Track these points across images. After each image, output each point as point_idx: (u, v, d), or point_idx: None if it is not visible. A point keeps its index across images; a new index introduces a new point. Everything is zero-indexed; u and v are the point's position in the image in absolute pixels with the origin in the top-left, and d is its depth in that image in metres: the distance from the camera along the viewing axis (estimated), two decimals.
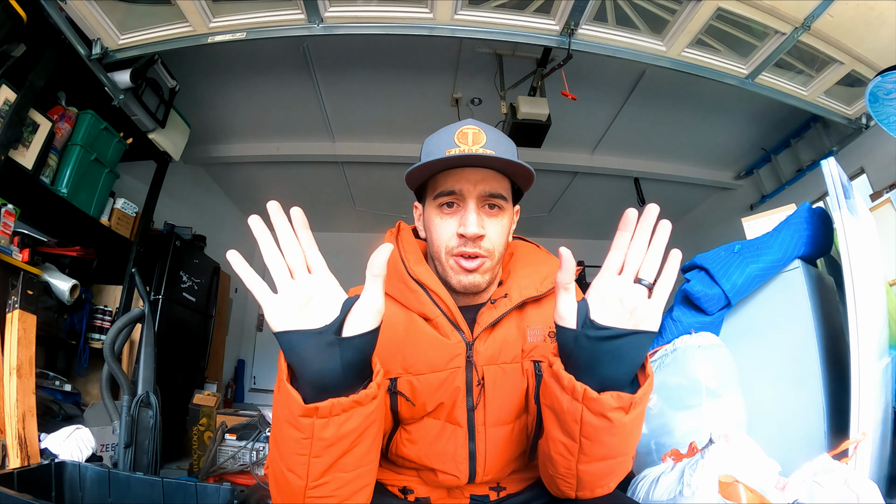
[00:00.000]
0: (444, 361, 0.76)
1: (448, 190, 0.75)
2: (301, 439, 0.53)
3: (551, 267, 0.84)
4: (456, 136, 0.75)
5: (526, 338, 0.78)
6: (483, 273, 0.76)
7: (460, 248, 0.75)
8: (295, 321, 0.54)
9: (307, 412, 0.52)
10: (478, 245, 0.74)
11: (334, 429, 0.52)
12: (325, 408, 0.52)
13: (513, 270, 0.84)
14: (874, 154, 2.51)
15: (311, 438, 0.53)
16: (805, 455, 1.10)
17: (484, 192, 0.74)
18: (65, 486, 0.99)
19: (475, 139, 0.74)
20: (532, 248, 0.90)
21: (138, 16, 1.98)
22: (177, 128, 2.67)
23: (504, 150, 0.75)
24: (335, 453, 0.54)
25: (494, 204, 0.75)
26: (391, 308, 0.81)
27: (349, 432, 0.54)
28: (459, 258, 0.75)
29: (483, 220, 0.75)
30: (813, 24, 1.86)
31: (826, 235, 1.64)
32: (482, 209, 0.75)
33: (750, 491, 0.95)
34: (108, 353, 1.50)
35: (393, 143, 3.52)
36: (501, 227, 0.77)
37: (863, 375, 1.22)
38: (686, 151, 3.58)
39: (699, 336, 1.57)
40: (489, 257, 0.76)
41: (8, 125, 1.65)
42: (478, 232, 0.73)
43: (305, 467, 0.54)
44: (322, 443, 0.53)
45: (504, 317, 0.78)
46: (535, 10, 1.98)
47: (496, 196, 0.75)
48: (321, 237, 0.59)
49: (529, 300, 0.80)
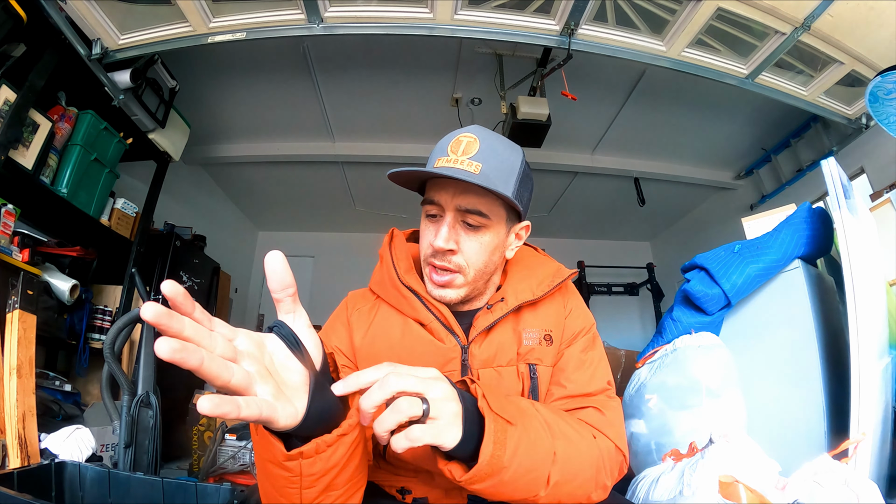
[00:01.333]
0: (440, 365, 0.76)
1: (430, 199, 0.75)
2: (290, 478, 0.51)
3: (547, 270, 0.84)
4: (450, 145, 0.74)
5: (521, 341, 0.79)
6: (455, 288, 0.75)
7: (430, 259, 0.75)
8: (281, 412, 0.45)
9: (291, 457, 0.49)
10: (447, 259, 0.74)
11: (322, 464, 0.51)
12: (310, 449, 0.49)
13: (510, 274, 0.84)
14: (874, 154, 2.51)
15: (300, 476, 0.51)
16: (805, 455, 1.10)
17: (460, 206, 0.72)
18: (65, 486, 0.99)
19: (466, 149, 0.72)
20: (529, 252, 0.90)
21: (138, 16, 1.98)
22: (177, 128, 2.67)
23: (495, 164, 0.71)
24: (326, 481, 0.53)
25: (470, 221, 0.73)
26: (387, 313, 0.82)
27: (337, 462, 0.52)
28: (432, 269, 0.75)
29: (458, 234, 0.73)
30: (813, 24, 1.86)
31: (826, 235, 1.64)
32: (459, 223, 0.73)
33: (750, 491, 0.95)
34: (108, 353, 1.50)
35: (393, 143, 3.52)
36: (480, 244, 0.74)
37: (863, 375, 1.22)
38: (686, 151, 3.58)
39: (699, 336, 1.57)
40: (461, 273, 0.74)
41: (8, 125, 1.65)
42: (443, 246, 0.72)
43: (298, 497, 0.53)
44: (311, 477, 0.52)
45: (500, 320, 0.78)
46: (535, 10, 1.98)
47: (473, 212, 0.72)
48: (321, 237, 0.59)
49: (525, 304, 0.80)
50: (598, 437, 0.70)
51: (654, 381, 1.56)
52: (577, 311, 0.85)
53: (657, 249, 5.33)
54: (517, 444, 0.55)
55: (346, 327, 0.84)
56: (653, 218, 4.65)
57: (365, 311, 0.85)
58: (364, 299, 0.87)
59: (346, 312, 0.86)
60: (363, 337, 0.82)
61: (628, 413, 1.65)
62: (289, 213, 4.79)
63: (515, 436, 0.56)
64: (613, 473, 0.70)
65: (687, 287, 1.63)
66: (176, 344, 0.35)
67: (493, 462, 0.54)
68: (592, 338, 0.84)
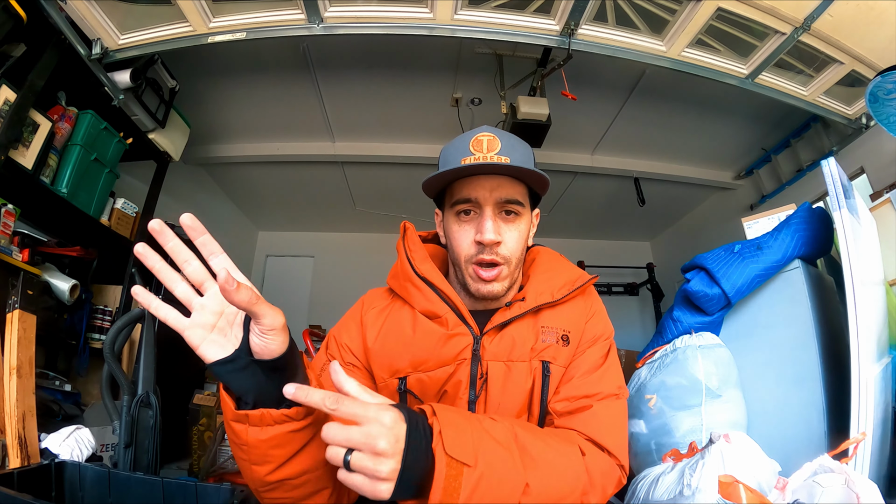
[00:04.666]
0: (453, 355, 0.77)
1: (464, 198, 0.76)
2: (239, 445, 0.54)
3: (569, 276, 0.85)
4: (471, 144, 0.76)
5: (538, 338, 0.79)
6: (501, 280, 0.78)
7: (478, 256, 0.76)
8: (208, 348, 0.53)
9: (238, 418, 0.52)
10: (494, 252, 0.76)
11: (266, 437, 0.52)
12: (255, 416, 0.52)
13: (532, 276, 0.85)
14: (874, 154, 2.51)
15: (248, 445, 0.53)
16: (805, 455, 1.10)
17: (500, 198, 0.75)
18: (65, 486, 0.98)
19: (490, 146, 0.75)
20: (554, 256, 0.92)
21: (138, 16, 1.97)
22: (177, 128, 2.66)
23: (519, 156, 0.76)
24: (274, 463, 0.54)
25: (511, 210, 0.77)
26: (399, 311, 0.83)
27: (283, 443, 0.53)
28: (478, 267, 0.77)
29: (500, 226, 0.76)
30: (813, 24, 1.85)
31: (826, 235, 1.64)
32: (499, 216, 0.76)
33: (750, 491, 0.95)
34: (108, 353, 1.50)
35: (393, 144, 3.51)
36: (518, 232, 0.78)
37: (863, 375, 1.22)
38: (686, 151, 3.58)
39: (699, 336, 1.57)
40: (506, 264, 0.77)
41: (8, 125, 1.65)
42: (494, 238, 0.74)
43: (249, 470, 0.55)
44: (257, 450, 0.53)
45: (517, 318, 0.79)
46: (535, 10, 1.98)
47: (512, 202, 0.76)
48: (321, 237, 0.59)
49: (545, 306, 0.81)
50: (591, 454, 0.68)
51: (654, 381, 1.56)
52: (598, 316, 0.86)
53: (657, 249, 5.32)
54: (475, 486, 0.52)
55: (359, 327, 0.85)
56: (653, 218, 4.65)
57: (379, 310, 0.85)
58: (381, 298, 0.88)
59: (360, 311, 0.87)
60: (376, 338, 0.82)
61: (628, 413, 1.65)
62: (289, 213, 4.78)
63: (474, 478, 0.53)
64: (607, 490, 0.68)
65: (687, 287, 1.63)
66: (157, 226, 0.53)
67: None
68: (609, 346, 0.85)
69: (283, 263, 5.24)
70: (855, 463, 1.13)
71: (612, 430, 0.73)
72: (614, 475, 0.70)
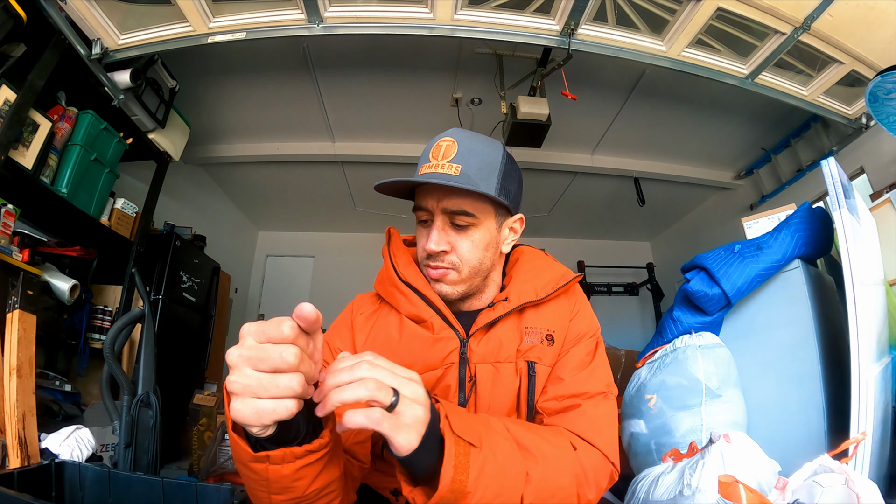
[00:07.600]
0: (440, 359, 0.77)
1: (419, 206, 0.78)
2: (258, 480, 0.52)
3: (553, 273, 0.85)
4: (431, 150, 0.76)
5: (523, 338, 0.79)
6: (451, 284, 0.78)
7: (426, 262, 0.78)
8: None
9: (259, 459, 0.50)
10: (441, 259, 0.76)
11: (289, 472, 0.51)
12: (277, 456, 0.50)
13: (514, 275, 0.85)
14: (874, 154, 2.51)
15: (268, 481, 0.51)
16: (805, 455, 1.10)
17: (446, 209, 0.74)
18: (65, 486, 0.98)
19: (445, 153, 0.74)
20: (536, 254, 0.91)
21: (138, 16, 1.97)
22: (177, 128, 2.66)
23: (476, 163, 0.73)
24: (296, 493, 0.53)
25: (458, 222, 0.75)
26: (387, 316, 0.84)
27: (305, 475, 0.52)
28: (427, 268, 0.78)
29: (450, 235, 0.76)
30: (813, 24, 1.85)
31: (826, 235, 1.64)
32: (448, 225, 0.76)
33: (750, 491, 0.95)
34: (108, 353, 1.50)
35: (393, 144, 3.52)
36: (471, 242, 0.76)
37: (863, 375, 1.22)
38: (686, 151, 3.58)
39: (699, 336, 1.57)
40: (455, 269, 0.77)
41: (8, 125, 1.65)
42: (436, 248, 0.75)
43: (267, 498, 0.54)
44: (278, 484, 0.52)
45: (502, 318, 0.79)
46: (535, 10, 1.98)
47: (459, 213, 0.74)
48: (321, 237, 0.59)
49: (528, 304, 0.81)
50: (582, 449, 0.68)
51: (654, 381, 1.56)
52: (583, 313, 0.86)
53: (657, 249, 5.33)
54: (482, 467, 0.53)
55: (349, 330, 0.85)
56: (653, 218, 4.65)
57: (367, 315, 0.86)
58: (368, 303, 0.89)
59: (350, 315, 0.88)
60: (364, 341, 0.83)
61: (628, 413, 1.65)
62: (289, 213, 4.79)
63: (480, 459, 0.53)
64: (600, 485, 0.69)
65: (687, 287, 1.63)
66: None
67: (455, 487, 0.51)
68: (595, 343, 0.84)
69: (283, 263, 5.24)
70: (855, 463, 1.13)
71: (602, 428, 0.73)
72: (606, 470, 0.71)
